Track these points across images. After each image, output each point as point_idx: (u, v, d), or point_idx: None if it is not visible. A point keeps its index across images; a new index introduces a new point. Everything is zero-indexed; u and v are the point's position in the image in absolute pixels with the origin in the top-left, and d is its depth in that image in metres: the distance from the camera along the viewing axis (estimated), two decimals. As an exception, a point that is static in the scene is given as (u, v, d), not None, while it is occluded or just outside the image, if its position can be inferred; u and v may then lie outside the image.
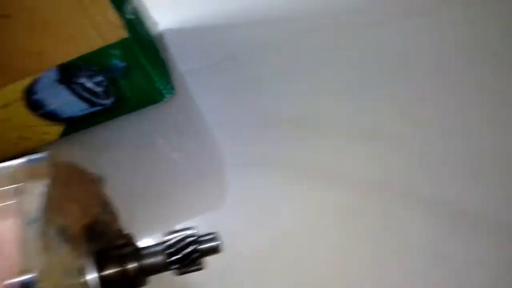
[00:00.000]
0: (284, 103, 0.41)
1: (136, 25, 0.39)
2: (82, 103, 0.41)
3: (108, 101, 0.42)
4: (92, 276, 0.21)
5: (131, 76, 0.39)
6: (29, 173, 0.19)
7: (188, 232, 0.23)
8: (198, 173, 0.39)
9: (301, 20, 0.47)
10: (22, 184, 0.19)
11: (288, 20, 0.48)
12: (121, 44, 0.35)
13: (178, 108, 0.44)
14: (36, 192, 0.19)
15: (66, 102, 0.40)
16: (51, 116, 0.41)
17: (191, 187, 0.39)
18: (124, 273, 0.22)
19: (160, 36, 0.49)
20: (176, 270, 0.23)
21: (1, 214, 0.18)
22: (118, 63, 0.38)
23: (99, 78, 0.39)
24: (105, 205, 0.25)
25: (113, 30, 0.33)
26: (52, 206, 0.19)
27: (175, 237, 0.22)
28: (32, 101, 0.39)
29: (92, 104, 0.41)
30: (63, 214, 0.20)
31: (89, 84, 0.39)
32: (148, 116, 0.44)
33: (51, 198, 0.19)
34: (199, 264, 0.23)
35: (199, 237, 0.23)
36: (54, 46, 0.33)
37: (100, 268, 0.22)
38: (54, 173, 0.20)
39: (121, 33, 0.34)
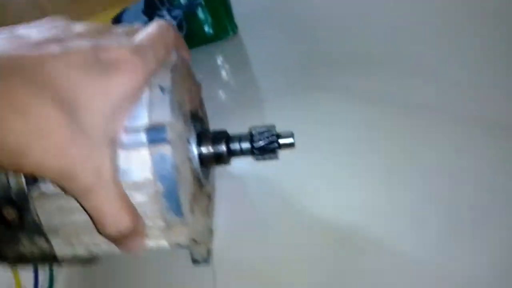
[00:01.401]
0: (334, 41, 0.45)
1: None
2: (158, 34, 0.46)
3: (179, 35, 0.47)
4: (193, 149, 0.27)
5: (204, 12, 0.44)
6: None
7: (271, 128, 0.28)
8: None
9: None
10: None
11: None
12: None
13: (238, 46, 0.49)
14: (165, 72, 0.24)
15: (144, 33, 0.45)
16: (129, 45, 0.47)
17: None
18: (215, 152, 0.27)
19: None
20: (257, 156, 0.28)
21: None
22: (196, -1, 0.43)
23: (176, 12, 0.44)
24: (202, 104, 0.31)
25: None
26: (175, 84, 0.24)
27: (260, 129, 0.28)
28: (117, 28, 0.44)
29: (166, 36, 0.46)
30: (180, 94, 0.25)
31: (167, 17, 0.44)
32: (211, 51, 0.49)
33: (175, 78, 0.24)
34: (276, 154, 0.28)
35: (279, 133, 0.28)
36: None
37: (199, 145, 0.27)
38: (177, 60, 0.25)
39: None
